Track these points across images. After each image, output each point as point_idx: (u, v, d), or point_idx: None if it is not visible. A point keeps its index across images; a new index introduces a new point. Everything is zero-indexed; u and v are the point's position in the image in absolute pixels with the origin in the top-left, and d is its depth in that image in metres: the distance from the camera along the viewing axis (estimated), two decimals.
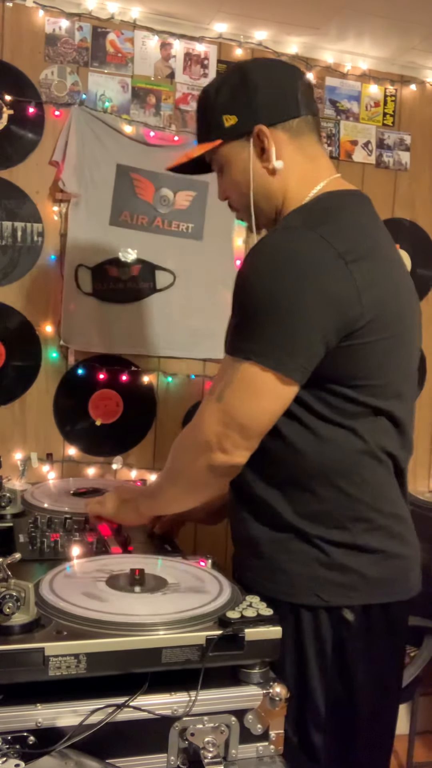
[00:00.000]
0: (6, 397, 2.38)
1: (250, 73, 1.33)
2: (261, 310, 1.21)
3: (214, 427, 1.25)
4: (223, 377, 1.25)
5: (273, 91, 1.33)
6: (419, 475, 2.90)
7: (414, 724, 2.55)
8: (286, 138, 1.33)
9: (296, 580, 1.29)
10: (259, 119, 1.31)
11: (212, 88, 1.37)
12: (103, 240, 2.40)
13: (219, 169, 1.40)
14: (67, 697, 1.01)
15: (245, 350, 1.22)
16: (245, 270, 1.26)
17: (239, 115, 1.32)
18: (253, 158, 1.33)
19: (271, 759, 1.09)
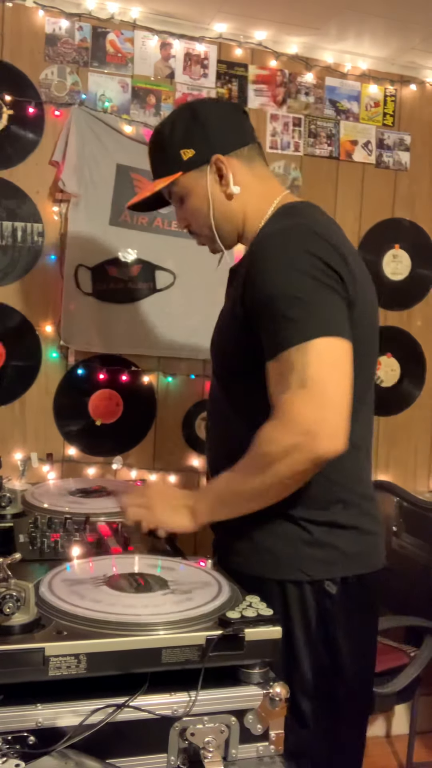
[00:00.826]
0: (6, 397, 2.38)
1: (199, 110, 1.48)
2: (300, 293, 1.28)
3: (314, 413, 1.22)
4: (293, 369, 1.24)
5: (222, 123, 1.48)
6: (419, 475, 2.90)
7: (414, 724, 2.55)
8: (239, 164, 1.47)
9: (282, 559, 1.39)
10: (215, 149, 1.45)
11: (165, 127, 1.49)
12: (103, 240, 2.40)
13: (178, 200, 1.51)
14: (67, 697, 1.01)
15: (306, 331, 1.25)
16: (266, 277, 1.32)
17: (196, 147, 1.45)
18: (211, 185, 1.46)
19: (271, 759, 1.09)
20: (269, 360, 1.30)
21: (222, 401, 1.51)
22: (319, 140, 2.68)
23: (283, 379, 1.26)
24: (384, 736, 2.91)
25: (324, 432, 1.22)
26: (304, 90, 2.66)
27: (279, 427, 1.26)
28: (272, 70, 2.61)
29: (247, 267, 1.38)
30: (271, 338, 1.30)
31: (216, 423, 1.56)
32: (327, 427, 1.23)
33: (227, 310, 1.49)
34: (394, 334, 2.84)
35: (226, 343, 1.47)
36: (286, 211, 1.44)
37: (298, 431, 1.23)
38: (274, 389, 1.29)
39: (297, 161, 2.65)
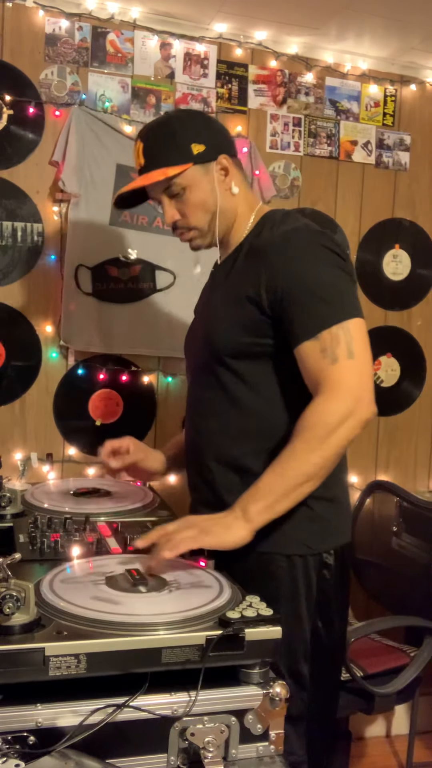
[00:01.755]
0: (6, 397, 2.38)
1: (201, 113, 1.63)
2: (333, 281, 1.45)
3: (360, 381, 1.38)
4: (339, 344, 1.38)
5: (224, 130, 1.65)
6: (419, 475, 2.90)
7: (414, 724, 2.55)
8: (235, 169, 1.58)
9: (290, 535, 1.47)
10: (222, 150, 1.56)
11: (171, 120, 1.59)
12: (103, 240, 2.40)
13: (176, 192, 1.55)
14: (67, 697, 1.01)
15: (344, 312, 1.41)
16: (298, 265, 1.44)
17: (206, 144, 1.53)
18: (217, 181, 1.55)
19: (271, 759, 1.09)
20: (306, 340, 1.40)
21: (225, 385, 1.53)
22: (319, 140, 2.68)
23: (327, 354, 1.38)
24: (384, 736, 2.91)
25: (368, 397, 1.38)
26: (304, 90, 2.66)
27: (334, 397, 1.37)
28: (272, 70, 2.61)
29: (267, 260, 1.47)
30: (308, 320, 1.41)
31: (216, 410, 1.56)
32: (369, 393, 1.39)
33: (228, 302, 1.54)
34: (394, 334, 2.84)
35: (239, 326, 1.50)
36: (285, 216, 1.57)
37: (351, 398, 1.36)
38: (317, 364, 1.39)
39: (297, 161, 2.65)
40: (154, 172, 1.53)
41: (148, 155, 1.55)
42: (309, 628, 1.49)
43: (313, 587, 1.49)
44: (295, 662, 1.47)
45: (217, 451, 1.56)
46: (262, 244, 1.52)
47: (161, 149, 1.54)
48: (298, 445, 1.37)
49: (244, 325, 1.49)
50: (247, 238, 1.59)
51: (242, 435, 1.52)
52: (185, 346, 1.77)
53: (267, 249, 1.49)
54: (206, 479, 1.57)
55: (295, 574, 1.49)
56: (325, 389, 1.37)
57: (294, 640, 1.46)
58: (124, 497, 1.84)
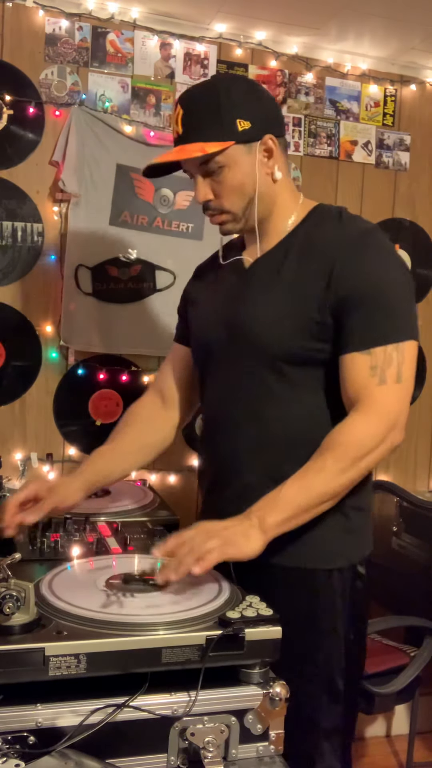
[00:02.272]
0: (6, 397, 2.38)
1: (255, 85, 1.44)
2: (403, 296, 1.39)
3: (401, 408, 1.34)
4: (391, 365, 1.33)
5: (275, 106, 1.47)
6: (419, 475, 2.90)
7: (414, 724, 2.55)
8: (280, 152, 1.44)
9: (333, 550, 1.43)
10: (269, 129, 1.40)
11: (219, 89, 1.39)
12: (103, 240, 2.40)
13: (213, 170, 1.40)
14: (67, 697, 1.01)
15: (404, 332, 1.35)
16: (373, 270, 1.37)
17: (252, 121, 1.38)
18: (259, 163, 1.41)
19: (271, 759, 1.09)
20: (358, 351, 1.34)
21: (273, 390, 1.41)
22: (319, 140, 2.68)
23: (376, 373, 1.32)
24: (384, 736, 2.91)
25: (402, 424, 1.35)
26: (304, 90, 2.65)
27: (374, 420, 1.32)
28: (272, 70, 2.61)
29: (341, 257, 1.36)
30: (366, 331, 1.34)
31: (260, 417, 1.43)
32: (404, 420, 1.35)
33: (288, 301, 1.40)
34: None
35: (299, 330, 1.38)
36: (347, 212, 1.46)
37: (390, 424, 1.33)
38: (363, 381, 1.33)
39: (297, 161, 2.65)
40: (191, 146, 1.38)
41: (186, 124, 1.39)
42: (344, 641, 1.43)
43: (347, 599, 1.44)
44: (331, 677, 1.42)
45: (263, 464, 1.42)
46: (330, 239, 1.40)
47: (202, 121, 1.38)
48: (329, 463, 1.31)
49: (309, 328, 1.37)
50: (299, 231, 1.45)
51: (293, 446, 1.39)
52: (200, 341, 1.58)
53: (339, 245, 1.38)
54: (246, 497, 1.34)
55: (333, 588, 1.43)
56: (366, 409, 1.32)
57: (332, 656, 1.42)
58: (124, 497, 1.84)
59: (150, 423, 1.69)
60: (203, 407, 1.61)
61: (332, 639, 1.42)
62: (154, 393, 1.74)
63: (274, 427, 1.42)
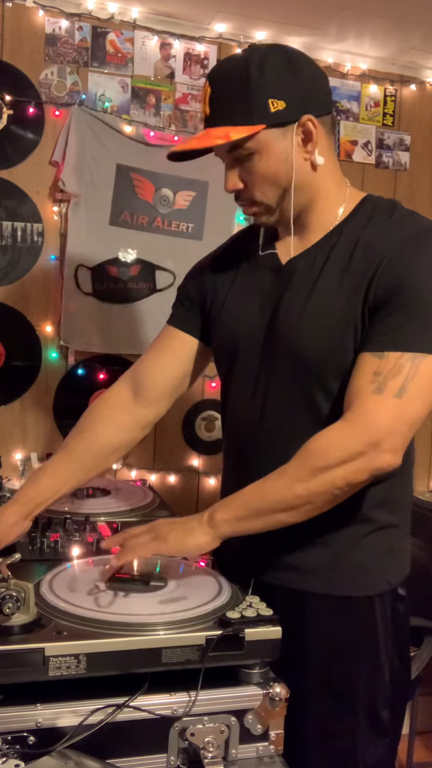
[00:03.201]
0: (6, 397, 2.38)
1: (294, 57, 1.24)
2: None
3: (389, 425, 1.15)
4: (397, 376, 1.15)
5: (319, 79, 1.27)
6: (419, 475, 2.90)
7: (414, 724, 2.55)
8: (324, 133, 1.26)
9: (373, 575, 1.30)
10: (308, 109, 1.22)
11: (250, 65, 1.20)
12: (103, 240, 2.40)
13: (243, 156, 1.25)
14: (67, 697, 1.01)
15: (425, 344, 1.17)
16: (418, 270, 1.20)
17: (288, 101, 1.20)
18: (295, 148, 1.24)
19: (271, 759, 1.09)
20: (370, 351, 1.19)
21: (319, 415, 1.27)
22: None
23: (377, 379, 1.16)
24: None
25: (389, 445, 1.16)
26: None
27: (351, 430, 1.17)
28: None
29: (388, 257, 1.21)
30: (385, 332, 1.18)
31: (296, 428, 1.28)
32: (394, 442, 1.17)
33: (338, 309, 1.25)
34: None
35: (351, 340, 1.24)
36: (401, 207, 1.31)
37: (368, 440, 1.15)
38: (361, 386, 1.18)
39: None
40: (216, 131, 1.22)
41: (214, 105, 1.23)
42: (387, 668, 1.31)
43: (388, 624, 1.32)
44: (375, 709, 1.30)
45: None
46: (382, 239, 1.24)
47: (230, 102, 1.22)
48: (289, 469, 1.19)
49: (354, 340, 1.23)
50: (346, 227, 1.29)
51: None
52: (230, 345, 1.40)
53: (390, 245, 1.22)
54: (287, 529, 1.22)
55: (374, 613, 1.30)
56: (349, 417, 1.17)
57: (375, 686, 1.30)
58: (124, 497, 1.84)
59: (113, 424, 1.48)
60: (228, 414, 1.44)
61: (374, 668, 1.30)
62: (125, 386, 1.53)
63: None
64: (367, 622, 1.29)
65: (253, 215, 1.33)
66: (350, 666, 1.29)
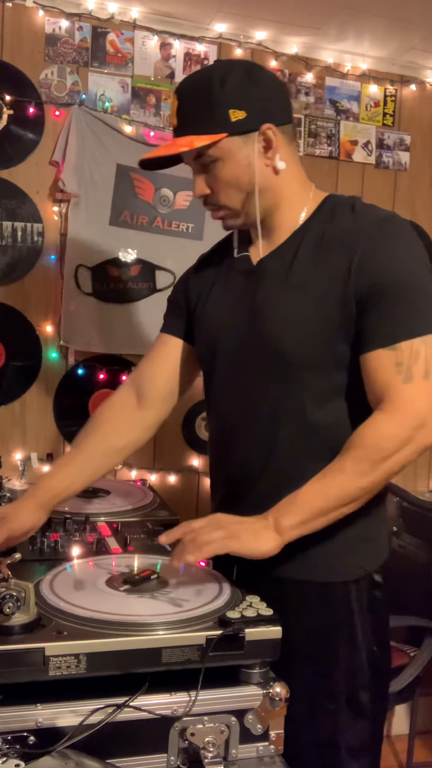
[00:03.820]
0: (6, 397, 2.38)
1: (255, 71, 1.34)
2: (429, 286, 1.27)
3: (429, 405, 1.23)
4: (418, 360, 1.23)
5: (277, 92, 1.36)
6: (419, 475, 2.90)
7: (414, 724, 2.55)
8: (285, 141, 1.36)
9: (348, 561, 1.36)
10: (268, 118, 1.31)
11: (213, 78, 1.30)
12: (103, 240, 2.40)
13: (207, 163, 1.33)
14: (67, 697, 1.01)
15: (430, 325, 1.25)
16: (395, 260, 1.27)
17: (248, 111, 1.29)
18: (257, 155, 1.33)
19: (271, 759, 1.09)
20: (382, 347, 1.24)
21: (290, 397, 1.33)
22: (319, 140, 2.68)
23: (402, 370, 1.23)
24: (384, 736, 2.90)
25: (431, 424, 1.24)
26: (304, 90, 2.65)
27: (397, 420, 1.23)
28: (272, 70, 2.61)
29: (361, 249, 1.27)
30: (389, 325, 1.24)
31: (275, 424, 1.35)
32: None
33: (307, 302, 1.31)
34: None
35: (321, 331, 1.29)
36: (360, 201, 1.38)
37: (415, 424, 1.23)
38: (388, 379, 1.24)
39: None
40: (182, 139, 1.32)
41: (180, 116, 1.33)
42: (365, 653, 1.36)
43: (364, 610, 1.36)
44: (355, 692, 1.35)
45: (282, 477, 1.33)
46: (346, 231, 1.30)
47: (194, 112, 1.31)
48: (347, 465, 1.24)
49: (332, 331, 1.28)
50: (311, 224, 1.36)
51: (314, 458, 1.30)
52: (210, 344, 1.47)
53: (357, 236, 1.28)
54: (263, 510, 1.28)
55: (350, 599, 1.35)
56: (390, 408, 1.23)
57: (353, 669, 1.35)
58: (124, 497, 1.84)
59: (118, 425, 1.55)
60: (211, 414, 1.51)
61: (353, 653, 1.35)
62: (128, 390, 1.59)
63: (293, 439, 1.34)
64: (344, 607, 1.35)
65: (220, 219, 1.41)
66: (329, 650, 1.34)
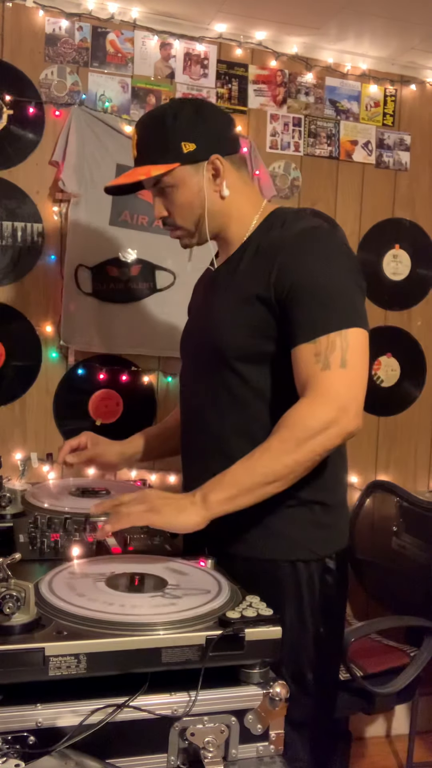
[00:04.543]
0: (6, 397, 2.38)
1: (203, 108, 1.52)
2: (344, 287, 1.41)
3: (348, 392, 1.35)
4: (335, 351, 1.35)
5: (223, 126, 1.54)
6: (419, 475, 2.90)
7: (414, 724, 2.55)
8: (232, 168, 1.52)
9: (295, 542, 1.48)
10: (215, 149, 1.49)
11: (166, 114, 1.49)
12: (103, 240, 2.40)
13: (163, 190, 1.52)
14: (67, 697, 1.01)
15: (347, 320, 1.38)
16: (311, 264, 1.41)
17: (198, 143, 1.47)
18: (206, 182, 1.50)
19: (271, 759, 1.09)
20: (303, 342, 1.37)
21: (231, 389, 1.50)
22: (319, 140, 2.68)
23: (320, 359, 1.35)
24: (384, 736, 2.91)
25: (354, 409, 1.34)
26: (304, 90, 2.66)
27: (318, 403, 1.34)
28: (272, 70, 2.61)
29: (281, 257, 1.43)
30: (308, 322, 1.38)
31: (221, 413, 1.52)
32: (357, 405, 1.35)
33: (236, 302, 1.49)
34: (394, 334, 2.84)
35: (247, 328, 1.46)
36: (297, 213, 1.56)
37: (336, 406, 1.33)
38: (309, 368, 1.36)
39: (297, 161, 2.65)
40: (140, 169, 1.51)
41: (139, 148, 1.52)
42: (312, 633, 1.48)
43: (315, 592, 1.48)
44: (299, 667, 1.46)
45: (224, 452, 1.49)
46: (273, 241, 1.47)
47: (151, 145, 1.50)
48: (273, 444, 1.34)
49: (253, 326, 1.46)
50: (253, 236, 1.54)
51: (249, 437, 1.45)
52: (182, 347, 1.72)
53: (280, 245, 1.45)
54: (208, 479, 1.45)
55: (299, 579, 1.48)
56: (311, 394, 1.35)
57: (298, 646, 1.46)
58: None
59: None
60: (180, 406, 1.73)
61: (299, 631, 1.46)
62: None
63: (229, 422, 1.50)
64: (292, 586, 1.47)
65: (177, 238, 1.60)
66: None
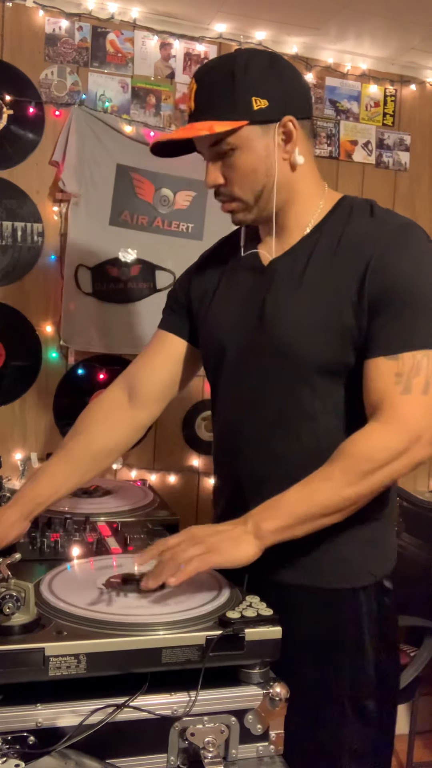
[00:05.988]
0: (6, 397, 2.38)
1: (278, 61, 1.29)
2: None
3: (425, 420, 1.20)
4: (419, 373, 1.20)
5: (299, 84, 1.32)
6: (419, 475, 2.90)
7: (414, 724, 2.55)
8: (303, 136, 1.30)
9: (355, 566, 1.33)
10: (290, 110, 1.26)
11: (236, 64, 1.25)
12: (103, 240, 2.40)
13: (224, 152, 1.28)
14: (67, 697, 1.01)
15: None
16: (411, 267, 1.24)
17: (270, 100, 1.24)
18: (276, 147, 1.27)
19: (271, 759, 1.09)
20: (384, 355, 1.22)
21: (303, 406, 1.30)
22: (319, 140, 2.68)
23: (402, 381, 1.20)
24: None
25: (428, 438, 1.20)
26: None
27: (392, 431, 1.20)
28: None
29: (378, 253, 1.24)
30: (394, 334, 1.22)
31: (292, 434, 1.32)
32: (430, 435, 1.21)
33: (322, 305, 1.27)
34: None
35: (334, 335, 1.26)
36: (377, 206, 1.35)
37: (410, 437, 1.19)
38: (387, 389, 1.21)
39: None
40: (200, 124, 1.25)
41: (199, 100, 1.27)
42: (373, 661, 1.33)
43: (374, 617, 1.33)
44: (361, 699, 1.32)
45: (288, 482, 1.24)
46: (363, 234, 1.27)
47: (215, 97, 1.25)
48: (336, 473, 1.20)
49: (345, 336, 1.25)
50: (325, 225, 1.32)
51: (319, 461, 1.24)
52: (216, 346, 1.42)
53: (375, 239, 1.25)
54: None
55: (358, 607, 1.33)
56: (384, 418, 1.20)
57: (360, 677, 1.32)
58: (124, 497, 1.84)
59: (107, 426, 1.51)
60: (216, 415, 1.47)
61: (360, 660, 1.32)
62: (120, 388, 1.56)
63: (300, 442, 1.31)
64: (352, 614, 1.32)
65: (231, 212, 1.35)
66: (335, 657, 1.32)
